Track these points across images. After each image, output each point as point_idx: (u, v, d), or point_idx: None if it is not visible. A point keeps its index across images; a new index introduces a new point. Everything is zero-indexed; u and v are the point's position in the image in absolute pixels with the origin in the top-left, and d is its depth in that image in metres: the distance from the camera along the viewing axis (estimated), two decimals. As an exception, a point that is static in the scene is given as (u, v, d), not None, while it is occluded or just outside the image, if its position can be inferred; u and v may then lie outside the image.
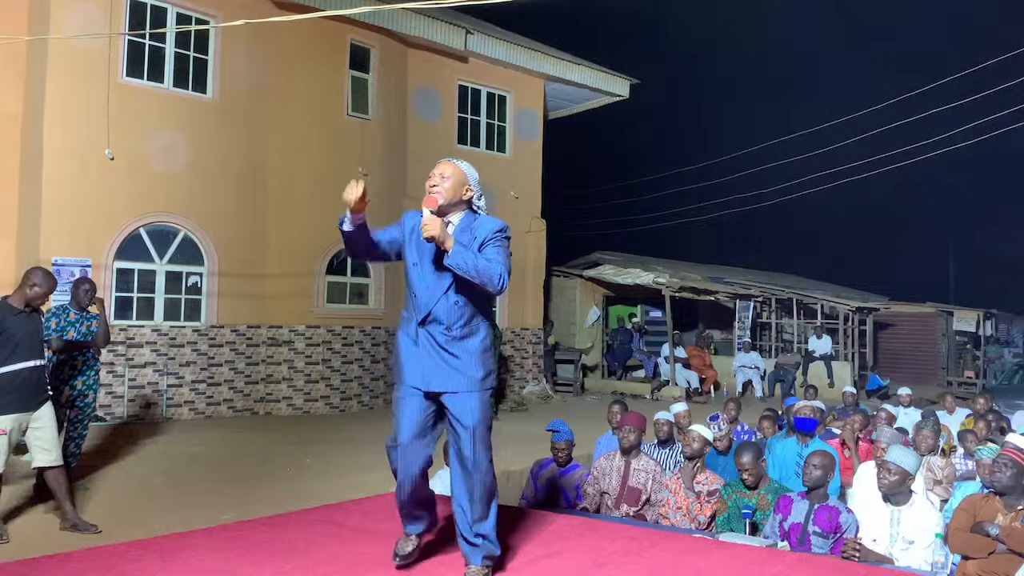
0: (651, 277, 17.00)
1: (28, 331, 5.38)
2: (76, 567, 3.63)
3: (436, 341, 3.46)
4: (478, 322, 3.57)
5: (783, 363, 16.33)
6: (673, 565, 3.84)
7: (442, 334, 3.46)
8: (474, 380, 3.46)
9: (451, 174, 3.53)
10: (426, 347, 3.46)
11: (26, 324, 5.38)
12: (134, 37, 10.34)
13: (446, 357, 3.44)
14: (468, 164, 3.62)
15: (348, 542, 4.05)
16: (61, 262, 9.69)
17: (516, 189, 14.84)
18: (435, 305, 3.46)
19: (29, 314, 5.43)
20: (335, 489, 6.45)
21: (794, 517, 4.71)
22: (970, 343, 21.07)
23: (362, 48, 12.50)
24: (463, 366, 3.45)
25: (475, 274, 3.33)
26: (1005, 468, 4.18)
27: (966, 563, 4.15)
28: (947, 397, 10.63)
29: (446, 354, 3.45)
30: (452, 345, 3.46)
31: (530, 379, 14.99)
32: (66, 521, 5.50)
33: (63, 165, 9.83)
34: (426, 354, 3.46)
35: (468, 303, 3.51)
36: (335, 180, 12.94)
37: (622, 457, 5.84)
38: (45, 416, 5.45)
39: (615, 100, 16.74)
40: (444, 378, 3.44)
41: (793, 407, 7.11)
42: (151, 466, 7.65)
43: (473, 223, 3.57)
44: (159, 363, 10.51)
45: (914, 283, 29.93)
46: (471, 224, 3.56)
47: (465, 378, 3.44)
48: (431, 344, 3.46)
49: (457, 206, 3.56)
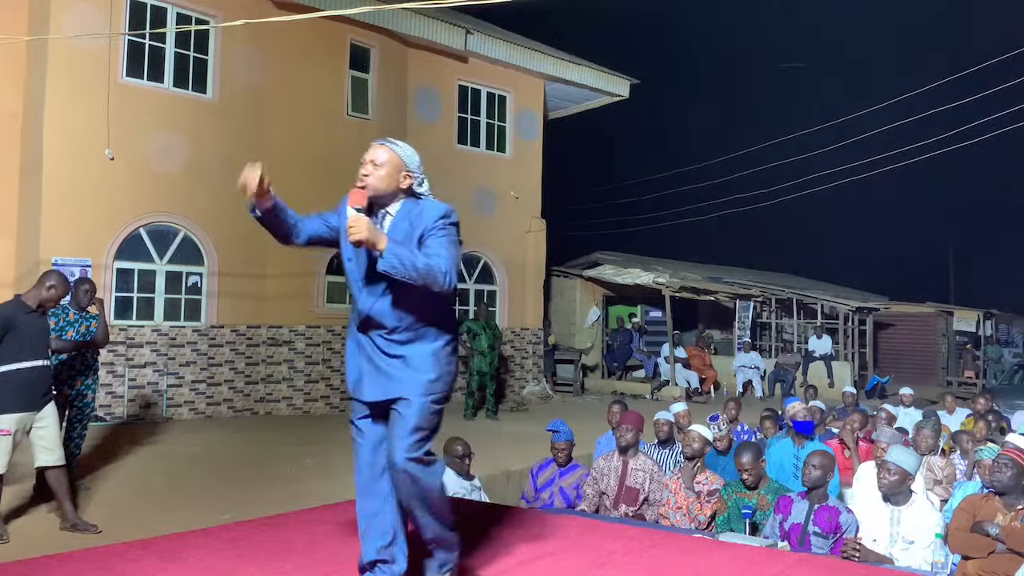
0: (651, 277, 17.00)
1: (36, 331, 5.42)
2: (76, 567, 3.62)
3: (377, 346, 3.10)
4: (429, 327, 3.13)
5: (783, 363, 16.33)
6: (673, 565, 3.83)
7: (383, 338, 3.09)
8: (419, 383, 3.06)
9: (385, 160, 3.08)
10: (367, 353, 3.12)
11: (36, 324, 5.42)
12: (134, 37, 10.34)
13: (389, 362, 3.08)
14: (408, 146, 3.18)
15: (348, 542, 4.04)
16: (61, 262, 9.68)
17: (516, 189, 14.84)
18: (374, 306, 3.07)
19: (40, 315, 5.48)
20: (335, 489, 6.45)
21: (794, 517, 4.71)
22: (970, 343, 21.06)
23: (362, 48, 12.50)
24: (408, 369, 3.07)
25: (415, 275, 2.89)
26: (1005, 468, 4.18)
27: (966, 563, 4.15)
28: (947, 397, 10.63)
29: (388, 359, 3.08)
30: (396, 349, 3.09)
31: (530, 379, 14.99)
32: (66, 521, 5.50)
33: (63, 165, 9.83)
34: (366, 360, 3.12)
35: (414, 304, 3.07)
36: (335, 180, 12.91)
37: (620, 457, 5.85)
38: (49, 416, 5.46)
39: (615, 100, 16.73)
40: (385, 385, 3.08)
41: (787, 410, 7.11)
42: (151, 466, 7.65)
43: (413, 211, 3.12)
44: (159, 363, 10.51)
45: (914, 283, 29.93)
46: (410, 213, 3.12)
47: (409, 383, 3.06)
48: (373, 350, 3.11)
49: (394, 196, 3.13)
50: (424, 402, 3.06)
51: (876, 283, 27.08)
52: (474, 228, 14.26)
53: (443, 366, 3.14)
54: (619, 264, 18.39)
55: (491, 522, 4.44)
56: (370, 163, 3.08)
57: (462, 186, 14.00)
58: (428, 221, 3.09)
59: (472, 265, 14.46)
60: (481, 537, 4.06)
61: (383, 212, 3.12)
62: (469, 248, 14.28)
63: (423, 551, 3.27)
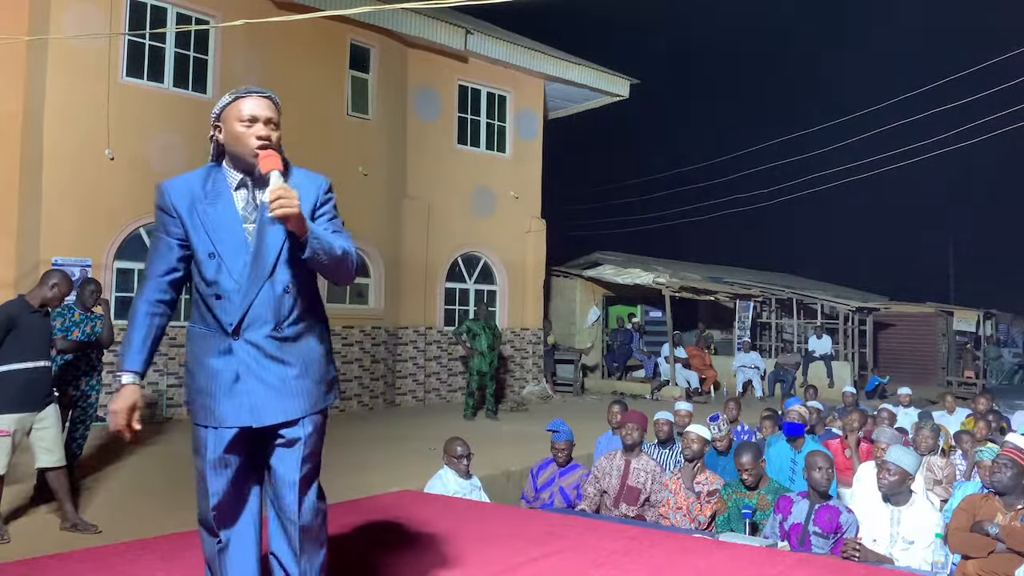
0: (651, 277, 17.01)
1: (39, 331, 5.42)
2: (76, 567, 3.63)
3: (263, 350, 2.53)
4: (313, 317, 2.65)
5: (783, 363, 16.34)
6: (673, 565, 3.83)
7: (268, 339, 2.52)
8: (317, 398, 2.60)
9: (278, 118, 2.59)
10: (248, 363, 2.51)
11: (39, 324, 5.41)
12: (134, 37, 10.34)
13: (277, 371, 2.54)
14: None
15: (347, 542, 4.04)
16: (61, 262, 9.68)
17: (516, 189, 14.84)
18: (254, 300, 2.51)
19: (43, 315, 5.47)
20: (334, 489, 6.42)
21: (794, 517, 4.71)
22: (970, 343, 21.07)
23: (362, 48, 12.50)
24: (302, 380, 2.57)
25: (330, 262, 2.48)
26: (1005, 468, 4.18)
27: (966, 563, 4.15)
28: (947, 397, 10.63)
29: (277, 365, 2.54)
30: (285, 351, 2.54)
31: (530, 379, 14.99)
32: (67, 521, 5.50)
33: (63, 165, 9.83)
34: (249, 372, 2.51)
35: (300, 289, 2.58)
36: (335, 180, 12.89)
37: (623, 456, 5.85)
38: (50, 417, 5.45)
39: (615, 100, 16.74)
40: (280, 403, 2.52)
41: (789, 413, 7.11)
42: (151, 466, 7.65)
43: (291, 179, 2.58)
44: (159, 363, 10.51)
45: (914, 283, 29.96)
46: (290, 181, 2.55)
47: (306, 398, 2.57)
48: (255, 357, 2.52)
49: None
50: (320, 422, 2.62)
51: (876, 283, 27.13)
52: (474, 228, 14.28)
53: (334, 372, 2.73)
54: (619, 264, 18.39)
55: (491, 522, 4.45)
56: (268, 122, 2.53)
57: (462, 186, 14.02)
58: (319, 193, 2.64)
59: (472, 265, 14.46)
60: (481, 537, 4.07)
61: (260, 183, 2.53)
62: (469, 248, 14.29)
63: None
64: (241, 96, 2.55)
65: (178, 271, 2.60)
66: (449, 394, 13.78)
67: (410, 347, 13.22)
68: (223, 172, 2.61)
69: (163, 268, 2.58)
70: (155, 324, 2.57)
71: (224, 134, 2.56)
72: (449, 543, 3.93)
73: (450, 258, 13.95)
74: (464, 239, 14.08)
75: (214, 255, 2.54)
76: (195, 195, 2.56)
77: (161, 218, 2.57)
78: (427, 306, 13.47)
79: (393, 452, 8.60)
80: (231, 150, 2.57)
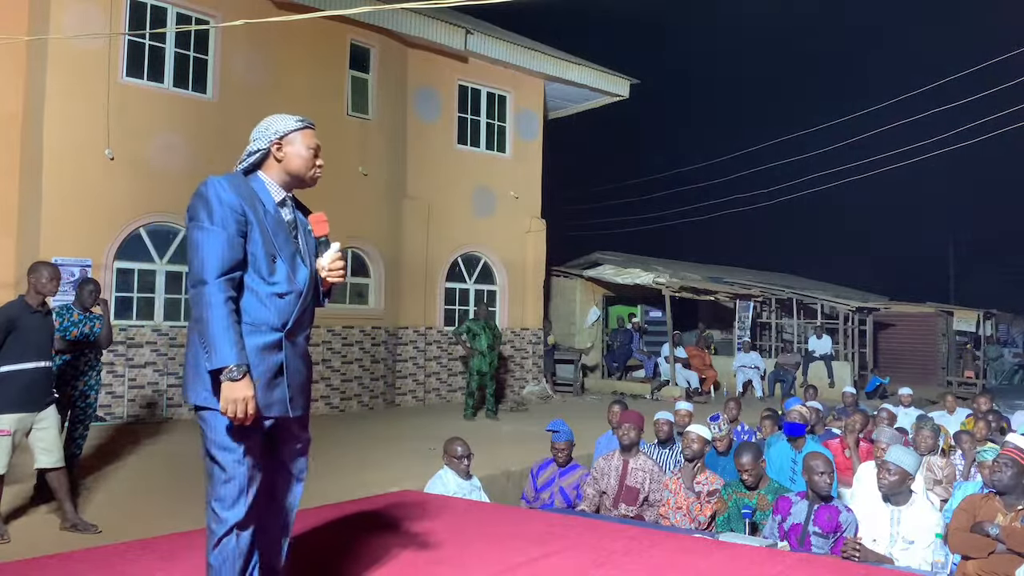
0: (651, 277, 17.01)
1: (40, 331, 5.39)
2: (76, 567, 3.62)
3: (299, 351, 2.84)
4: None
5: (783, 363, 16.33)
6: (673, 565, 3.83)
7: (303, 342, 2.88)
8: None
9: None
10: (290, 360, 2.77)
11: (39, 324, 5.39)
12: (134, 37, 10.34)
13: (305, 372, 2.87)
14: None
15: (347, 542, 4.04)
16: (61, 262, 9.67)
17: (516, 189, 14.83)
18: (307, 306, 2.83)
19: (44, 315, 5.45)
20: (334, 489, 6.45)
21: (794, 517, 4.71)
22: (970, 343, 21.07)
23: (362, 48, 12.50)
24: (310, 384, 2.98)
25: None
26: (1005, 468, 4.18)
27: (966, 563, 4.15)
28: (947, 397, 10.63)
29: (304, 367, 2.87)
30: (306, 356, 2.91)
31: (530, 379, 15.00)
32: (67, 521, 5.50)
33: (63, 165, 9.83)
34: (288, 369, 2.76)
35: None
36: (335, 180, 12.92)
37: (621, 456, 5.85)
38: (49, 418, 5.44)
39: (615, 100, 16.74)
40: (302, 399, 2.84)
41: (789, 413, 7.10)
42: (151, 466, 7.65)
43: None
44: (159, 363, 10.51)
45: (914, 283, 29.96)
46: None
47: (309, 400, 2.99)
48: (294, 356, 2.80)
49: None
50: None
51: (876, 283, 27.12)
52: (474, 228, 14.29)
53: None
54: (619, 264, 18.39)
55: (491, 522, 4.45)
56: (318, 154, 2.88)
57: (462, 186, 14.02)
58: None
59: (472, 265, 14.46)
60: (481, 537, 4.07)
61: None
62: (469, 248, 14.29)
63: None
64: (309, 125, 2.90)
65: (242, 268, 2.68)
66: (449, 394, 13.78)
67: (410, 347, 13.23)
68: (263, 183, 2.83)
69: (232, 264, 2.63)
70: (236, 320, 2.62)
71: (285, 153, 2.82)
72: (449, 543, 3.93)
73: (450, 258, 13.95)
74: (464, 239, 14.07)
75: (275, 258, 2.73)
76: (251, 197, 2.73)
77: (226, 214, 2.63)
78: (427, 306, 13.47)
79: (393, 452, 8.60)
80: (288, 168, 2.83)
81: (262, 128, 2.84)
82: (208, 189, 2.65)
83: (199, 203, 2.63)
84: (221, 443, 2.63)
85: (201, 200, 2.63)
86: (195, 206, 2.64)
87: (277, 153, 2.82)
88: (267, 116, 2.92)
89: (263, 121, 2.88)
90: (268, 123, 2.85)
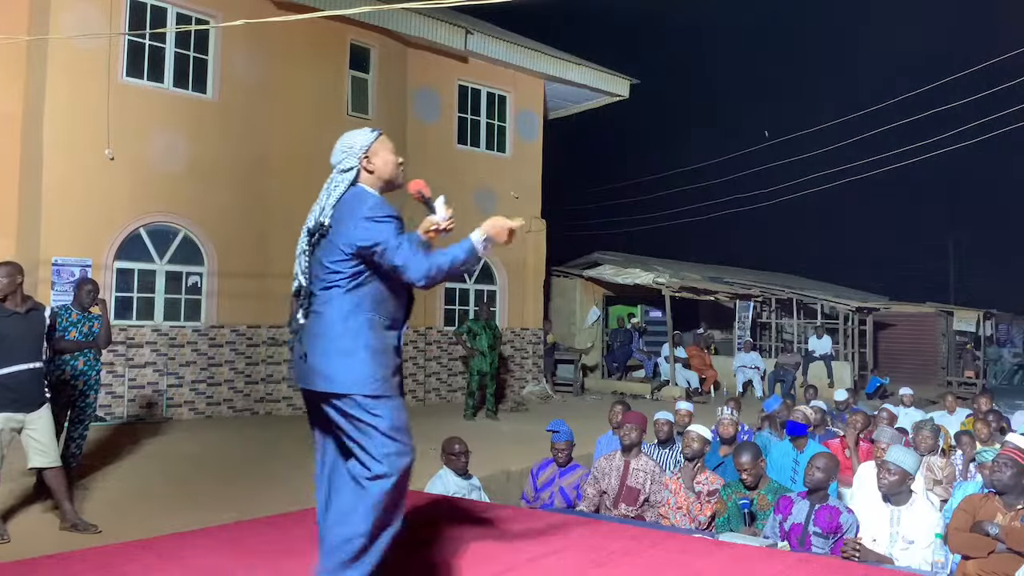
0: (651, 277, 17.01)
1: (21, 333, 5.26)
2: (76, 567, 3.62)
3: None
4: None
5: (783, 363, 16.33)
6: (673, 565, 3.83)
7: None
8: None
9: None
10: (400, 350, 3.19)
11: (19, 325, 5.26)
12: (134, 37, 10.33)
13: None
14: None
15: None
16: (61, 262, 9.69)
17: (516, 189, 14.83)
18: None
19: (24, 315, 5.31)
20: (335, 489, 6.44)
21: (794, 517, 4.71)
22: (970, 343, 21.06)
23: (362, 48, 12.50)
24: None
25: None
26: (1005, 467, 4.18)
27: (966, 563, 4.15)
28: (948, 397, 10.63)
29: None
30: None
31: (530, 379, 14.99)
32: (66, 521, 5.49)
33: (63, 165, 9.83)
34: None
35: None
36: (335, 180, 12.60)
37: (622, 457, 5.85)
38: (41, 419, 5.36)
39: (615, 100, 16.74)
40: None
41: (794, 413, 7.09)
42: (151, 466, 7.65)
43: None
44: (159, 363, 10.51)
45: (914, 283, 29.95)
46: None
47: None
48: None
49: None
50: None
51: (876, 283, 27.11)
52: (474, 228, 14.28)
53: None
54: (619, 264, 18.39)
55: (491, 522, 4.45)
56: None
57: (462, 186, 14.00)
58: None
59: (472, 265, 14.44)
60: (481, 537, 4.07)
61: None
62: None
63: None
64: (382, 133, 3.16)
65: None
66: (449, 394, 13.78)
67: (410, 347, 13.22)
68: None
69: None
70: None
71: (375, 164, 3.09)
72: (449, 543, 3.93)
73: (450, 258, 13.91)
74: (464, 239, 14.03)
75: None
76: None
77: (400, 223, 3.07)
78: (427, 306, 13.47)
79: (393, 452, 8.58)
80: (382, 176, 3.11)
81: (344, 148, 3.07)
82: (390, 206, 3.07)
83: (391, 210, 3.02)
84: (401, 424, 2.92)
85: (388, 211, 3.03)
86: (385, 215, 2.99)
87: (367, 166, 3.07)
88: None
89: (341, 142, 3.10)
90: (348, 142, 3.08)
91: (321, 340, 2.92)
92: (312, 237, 3.03)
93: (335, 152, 3.09)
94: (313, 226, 3.02)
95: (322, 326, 2.94)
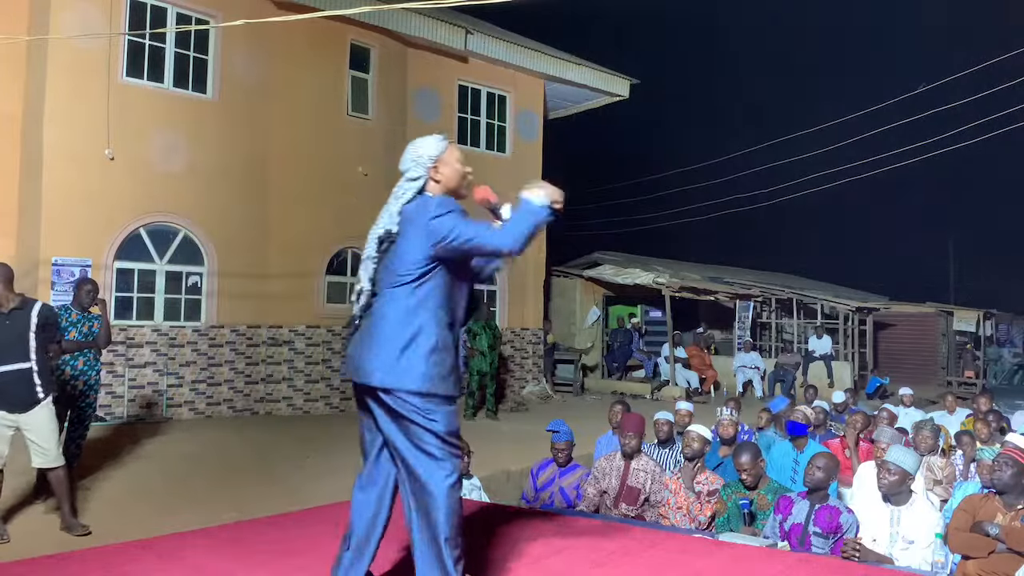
0: (651, 277, 17.00)
1: (3, 335, 5.21)
2: (76, 567, 3.62)
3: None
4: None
5: (783, 363, 16.34)
6: (673, 565, 3.83)
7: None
8: None
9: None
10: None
11: (3, 327, 5.22)
12: (134, 37, 10.33)
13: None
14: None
15: (348, 542, 4.04)
16: (61, 262, 9.69)
17: (516, 189, 14.78)
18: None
19: (7, 315, 5.26)
20: (335, 489, 6.44)
21: (794, 517, 4.71)
22: (970, 343, 21.06)
23: (362, 48, 12.49)
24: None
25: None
26: (1005, 467, 4.18)
27: (966, 563, 4.15)
28: (948, 397, 10.63)
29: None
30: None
31: (530, 379, 14.99)
32: (65, 521, 5.49)
33: (63, 165, 9.83)
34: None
35: None
36: (335, 180, 12.89)
37: (622, 457, 5.85)
38: (37, 420, 5.34)
39: (615, 100, 16.74)
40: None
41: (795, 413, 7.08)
42: (151, 466, 7.65)
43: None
44: (159, 363, 10.51)
45: (914, 283, 29.94)
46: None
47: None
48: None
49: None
50: None
51: (876, 283, 27.09)
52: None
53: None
54: (619, 264, 18.39)
55: (491, 522, 4.44)
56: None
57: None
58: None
59: (472, 265, 14.44)
60: (481, 537, 4.06)
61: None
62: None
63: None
64: (451, 142, 3.14)
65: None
66: (449, 394, 13.77)
67: (410, 347, 13.21)
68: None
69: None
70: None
71: (446, 172, 3.08)
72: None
73: (450, 258, 13.92)
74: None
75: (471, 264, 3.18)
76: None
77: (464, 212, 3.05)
78: (427, 306, 13.45)
79: (393, 452, 8.58)
80: (449, 185, 3.10)
81: (413, 156, 3.06)
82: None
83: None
84: (454, 428, 2.98)
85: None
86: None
87: (435, 176, 3.06)
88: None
89: (410, 150, 3.08)
90: (417, 150, 3.06)
91: (380, 337, 2.95)
92: (381, 245, 3.05)
93: (404, 159, 3.09)
94: (383, 234, 3.04)
95: (384, 323, 2.97)
